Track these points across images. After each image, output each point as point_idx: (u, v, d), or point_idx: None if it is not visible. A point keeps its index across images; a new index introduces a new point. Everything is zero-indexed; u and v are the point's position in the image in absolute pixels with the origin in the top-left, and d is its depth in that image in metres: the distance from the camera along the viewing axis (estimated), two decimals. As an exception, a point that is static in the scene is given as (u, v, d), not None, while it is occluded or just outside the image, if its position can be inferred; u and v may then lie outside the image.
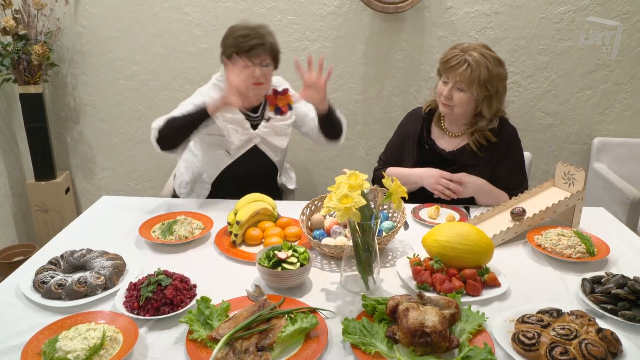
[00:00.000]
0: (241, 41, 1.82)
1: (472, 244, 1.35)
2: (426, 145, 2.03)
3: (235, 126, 1.96)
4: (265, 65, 1.89)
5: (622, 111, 2.93)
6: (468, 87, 1.83)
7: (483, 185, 1.89)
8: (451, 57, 1.84)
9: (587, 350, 1.02)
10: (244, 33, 1.83)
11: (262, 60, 1.87)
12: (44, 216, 3.00)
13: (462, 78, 1.82)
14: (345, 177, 1.23)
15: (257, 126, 2.02)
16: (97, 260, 1.39)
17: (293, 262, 1.32)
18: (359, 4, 2.75)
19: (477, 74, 1.80)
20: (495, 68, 1.83)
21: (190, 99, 1.98)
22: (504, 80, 1.87)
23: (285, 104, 1.99)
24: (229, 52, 1.86)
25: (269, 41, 1.87)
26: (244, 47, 1.82)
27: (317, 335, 1.11)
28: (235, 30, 1.87)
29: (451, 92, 1.86)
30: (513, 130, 1.98)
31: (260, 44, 1.83)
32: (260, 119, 2.03)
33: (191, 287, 1.28)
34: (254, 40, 1.82)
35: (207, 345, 1.08)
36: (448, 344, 1.04)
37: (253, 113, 2.02)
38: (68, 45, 2.92)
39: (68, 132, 3.12)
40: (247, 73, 1.84)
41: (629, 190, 2.48)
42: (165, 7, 2.83)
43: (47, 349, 1.03)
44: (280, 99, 1.99)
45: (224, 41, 1.91)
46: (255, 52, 1.83)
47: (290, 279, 1.31)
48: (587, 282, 1.30)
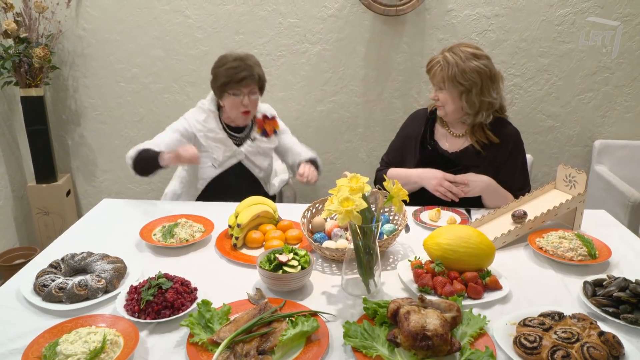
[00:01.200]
0: (233, 72, 2.01)
1: (473, 247, 1.35)
2: (429, 146, 2.03)
3: (218, 144, 2.15)
4: (253, 93, 2.09)
5: (623, 113, 2.93)
6: (444, 84, 1.88)
7: (490, 183, 1.88)
8: (431, 61, 1.93)
9: (589, 353, 1.02)
10: (235, 65, 2.02)
11: (251, 90, 2.07)
12: (44, 219, 3.00)
13: (437, 78, 1.90)
14: (347, 180, 1.23)
15: (242, 144, 2.21)
16: (98, 263, 1.39)
17: (294, 265, 1.32)
18: (359, 7, 2.76)
19: (446, 71, 1.85)
20: (467, 62, 1.84)
21: (174, 124, 2.16)
22: (481, 73, 1.85)
23: (271, 128, 2.26)
24: (220, 81, 2.05)
25: (257, 73, 2.08)
26: (235, 78, 2.02)
27: (318, 339, 1.11)
28: (226, 61, 2.05)
29: (437, 94, 1.93)
30: (515, 132, 1.98)
31: (250, 75, 2.03)
32: (245, 138, 2.22)
33: (192, 290, 1.28)
34: (244, 72, 2.02)
35: (208, 348, 1.08)
36: (449, 347, 1.04)
37: (237, 133, 2.21)
38: (69, 48, 2.93)
39: (69, 135, 3.12)
40: (237, 102, 2.06)
41: (631, 193, 2.48)
42: (166, 10, 2.83)
43: (47, 352, 1.03)
44: (268, 123, 2.25)
45: (215, 70, 2.09)
46: (244, 82, 2.03)
47: (291, 282, 1.31)
48: (589, 285, 1.30)
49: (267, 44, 2.88)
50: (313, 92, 2.96)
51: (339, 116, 3.02)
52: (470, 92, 1.87)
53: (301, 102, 2.99)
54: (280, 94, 2.97)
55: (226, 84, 2.03)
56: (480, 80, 1.86)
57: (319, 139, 3.06)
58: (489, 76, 1.87)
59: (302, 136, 3.03)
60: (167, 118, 2.94)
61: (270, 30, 2.85)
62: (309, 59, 2.90)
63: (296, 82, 2.95)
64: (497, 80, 1.91)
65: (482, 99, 1.89)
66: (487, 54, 1.89)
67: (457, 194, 1.86)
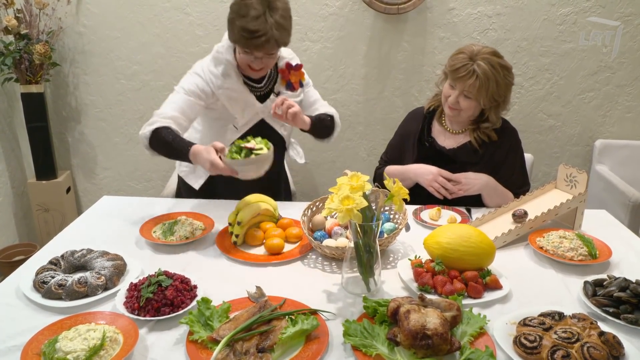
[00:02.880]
0: (247, 37, 1.67)
1: (473, 246, 1.35)
2: (426, 142, 2.03)
3: (242, 104, 1.87)
4: (271, 56, 1.77)
5: (624, 113, 2.93)
6: (476, 97, 1.82)
7: (489, 181, 1.87)
8: (460, 67, 1.79)
9: (589, 353, 1.02)
10: (252, 28, 1.65)
11: (266, 52, 1.74)
12: (44, 216, 3.00)
13: (470, 88, 1.80)
14: (347, 178, 1.23)
15: (264, 98, 1.91)
16: (98, 260, 1.39)
17: (261, 148, 1.45)
18: (361, 5, 2.75)
19: (485, 87, 1.78)
20: (504, 79, 1.81)
21: (185, 82, 1.85)
22: (511, 86, 1.86)
23: (297, 80, 1.93)
24: (232, 37, 1.74)
25: (276, 38, 1.70)
26: (249, 44, 1.69)
27: (318, 337, 1.11)
28: (246, 13, 1.66)
29: (458, 99, 1.85)
30: (514, 131, 1.98)
31: (267, 41, 1.68)
32: (267, 90, 1.92)
33: (192, 287, 1.28)
34: (261, 38, 1.67)
35: (207, 346, 1.08)
36: (449, 346, 1.04)
37: (257, 84, 1.90)
38: (70, 44, 2.92)
39: (69, 132, 3.12)
40: (248, 60, 1.76)
41: (631, 193, 2.48)
42: (167, 7, 2.83)
43: (47, 349, 1.03)
44: (293, 74, 1.92)
45: (231, 16, 1.72)
46: (260, 48, 1.70)
47: (266, 163, 1.42)
48: (589, 285, 1.30)
49: (268, 42, 2.87)
50: (314, 90, 2.96)
51: (340, 114, 2.98)
52: (499, 106, 1.88)
53: (302, 100, 2.98)
54: (280, 92, 2.96)
55: (238, 42, 1.72)
56: (508, 94, 1.86)
57: (320, 137, 3.05)
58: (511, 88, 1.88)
59: (302, 134, 3.03)
60: (167, 115, 2.95)
61: (271, 28, 2.84)
62: (309, 57, 2.89)
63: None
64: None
65: (504, 110, 1.91)
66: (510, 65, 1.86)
67: (450, 190, 1.85)
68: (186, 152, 1.63)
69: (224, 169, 1.51)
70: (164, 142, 1.69)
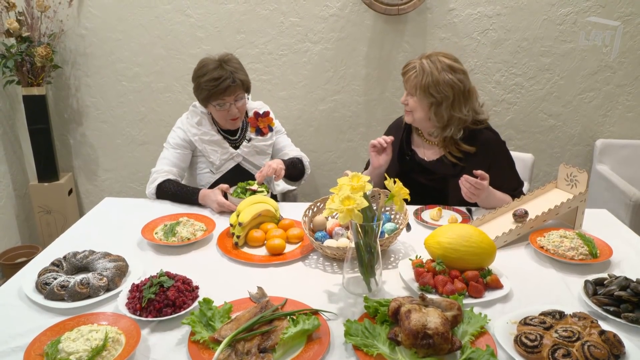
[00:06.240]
0: (214, 85, 1.93)
1: (474, 246, 1.35)
2: (407, 156, 2.03)
3: (214, 147, 2.11)
4: (240, 99, 2.03)
5: (624, 113, 2.93)
6: (415, 91, 1.84)
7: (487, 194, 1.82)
8: (408, 64, 1.87)
9: (589, 352, 1.02)
10: (216, 76, 1.93)
11: (236, 96, 2.00)
12: (46, 217, 3.01)
13: (410, 83, 1.85)
14: (348, 178, 1.23)
15: (238, 146, 2.16)
16: (100, 261, 1.39)
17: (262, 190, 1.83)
18: (361, 6, 2.76)
19: (420, 78, 1.81)
20: (442, 74, 1.79)
21: (171, 139, 2.11)
22: (454, 87, 1.80)
23: (266, 125, 2.18)
24: (203, 94, 1.99)
25: (239, 78, 1.98)
26: (218, 91, 1.94)
27: (319, 337, 1.11)
28: (206, 71, 1.96)
29: (407, 98, 1.89)
30: (491, 137, 1.93)
31: (232, 83, 1.95)
32: (240, 140, 2.17)
33: (193, 288, 1.28)
34: (226, 81, 1.93)
35: (209, 346, 1.08)
36: (450, 345, 1.04)
37: (231, 136, 2.16)
38: (71, 47, 2.93)
39: (71, 134, 3.13)
40: (224, 113, 2.01)
41: (632, 192, 2.48)
42: (168, 9, 2.84)
43: (49, 350, 1.03)
44: (261, 120, 2.17)
45: (196, 80, 2.01)
46: (228, 92, 1.96)
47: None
48: (590, 284, 1.30)
49: (269, 43, 2.88)
50: (314, 91, 2.96)
51: (341, 115, 3.02)
52: (441, 105, 1.83)
53: (302, 102, 2.99)
54: (281, 93, 2.97)
55: (209, 96, 1.97)
56: (453, 94, 1.81)
57: (320, 138, 3.06)
58: (462, 92, 1.83)
59: (303, 135, 3.04)
60: (168, 117, 2.95)
61: (272, 29, 2.85)
62: (310, 58, 2.90)
63: (297, 82, 2.95)
64: (471, 96, 1.87)
65: (452, 114, 1.84)
66: (464, 69, 1.85)
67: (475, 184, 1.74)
68: (194, 197, 1.91)
69: (229, 205, 1.81)
70: (170, 193, 1.97)
